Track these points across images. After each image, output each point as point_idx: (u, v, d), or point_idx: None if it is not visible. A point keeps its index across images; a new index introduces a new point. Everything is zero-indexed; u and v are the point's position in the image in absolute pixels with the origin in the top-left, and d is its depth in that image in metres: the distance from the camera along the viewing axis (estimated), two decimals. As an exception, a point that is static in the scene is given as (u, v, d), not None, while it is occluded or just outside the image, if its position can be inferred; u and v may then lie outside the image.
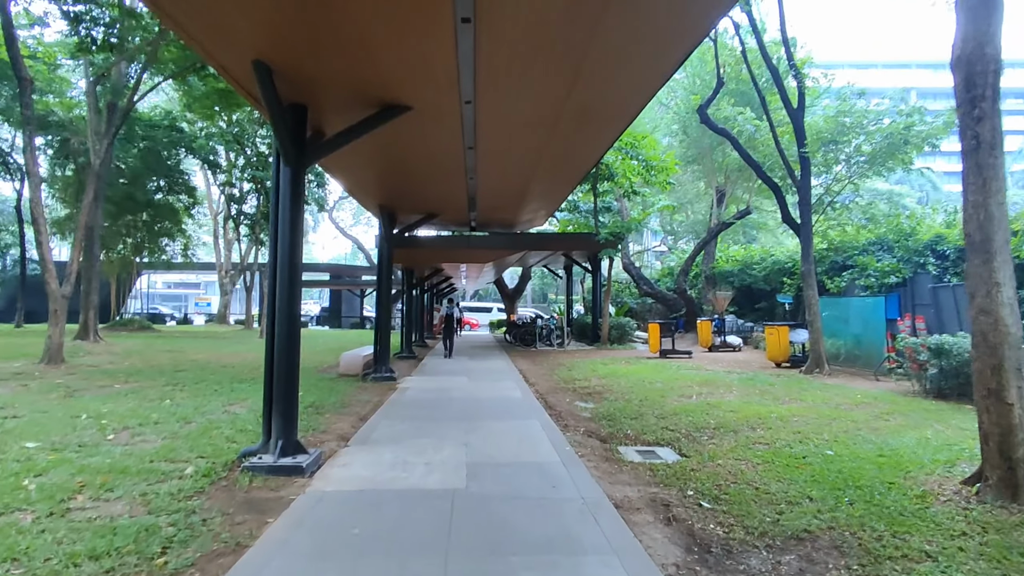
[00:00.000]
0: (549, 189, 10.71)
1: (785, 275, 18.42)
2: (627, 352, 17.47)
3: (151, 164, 24.19)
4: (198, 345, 17.85)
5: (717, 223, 20.00)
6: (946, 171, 52.14)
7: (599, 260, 20.41)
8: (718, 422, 7.20)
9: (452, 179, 8.90)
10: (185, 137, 24.43)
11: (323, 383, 10.43)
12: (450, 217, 12.32)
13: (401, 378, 11.44)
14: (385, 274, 11.21)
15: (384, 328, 11.21)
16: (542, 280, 60.34)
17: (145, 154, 24.17)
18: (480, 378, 11.71)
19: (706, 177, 22.91)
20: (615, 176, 17.91)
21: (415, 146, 7.18)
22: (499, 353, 17.69)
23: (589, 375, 11.95)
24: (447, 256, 13.17)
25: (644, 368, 12.91)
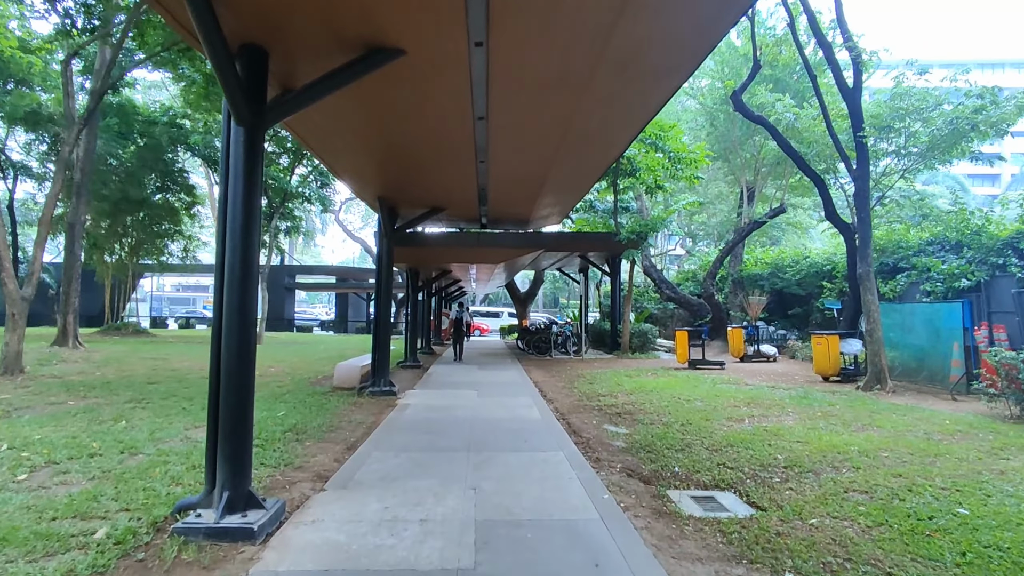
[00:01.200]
0: (570, 179, 9.38)
1: (823, 279, 16.90)
2: (651, 362, 16.04)
3: (149, 162, 23.16)
4: (188, 352, 16.67)
5: (748, 222, 18.56)
6: (970, 173, 49.99)
7: (618, 262, 19.04)
8: (787, 457, 5.80)
9: (459, 163, 7.59)
10: (183, 133, 23.36)
11: (312, 399, 9.14)
12: (458, 213, 11.02)
13: (402, 392, 10.14)
14: (385, 275, 9.92)
15: (383, 335, 9.91)
16: (553, 284, 58.99)
17: (143, 151, 23.15)
18: (491, 392, 10.38)
19: (732, 174, 21.44)
20: (637, 171, 16.55)
21: (413, 115, 5.87)
22: (511, 362, 16.35)
23: (614, 389, 10.57)
24: (455, 256, 11.90)
25: (675, 381, 11.50)
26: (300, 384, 10.75)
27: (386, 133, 6.48)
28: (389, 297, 10.00)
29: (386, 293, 9.93)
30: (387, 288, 9.92)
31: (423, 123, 6.07)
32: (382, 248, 10.00)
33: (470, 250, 11.44)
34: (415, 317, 14.64)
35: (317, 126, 6.45)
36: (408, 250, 11.29)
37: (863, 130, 10.40)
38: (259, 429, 6.84)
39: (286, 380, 11.23)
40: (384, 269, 9.95)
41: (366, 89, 5.13)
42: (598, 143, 7.04)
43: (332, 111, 5.80)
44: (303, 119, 6.05)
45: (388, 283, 9.95)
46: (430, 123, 6.02)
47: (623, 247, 16.98)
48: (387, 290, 9.94)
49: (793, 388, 10.55)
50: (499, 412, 8.44)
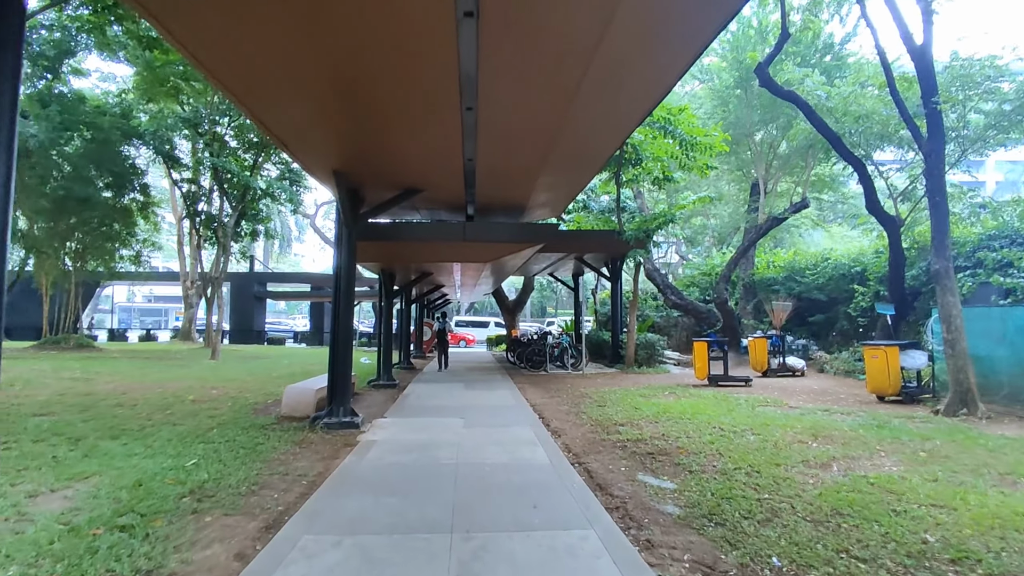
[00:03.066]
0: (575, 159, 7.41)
1: (850, 282, 15.08)
2: (661, 377, 14.04)
3: (97, 157, 20.76)
4: (125, 369, 14.32)
5: (767, 219, 16.73)
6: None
7: (620, 265, 17.08)
8: (941, 538, 3.79)
9: (439, 110, 5.52)
10: (134, 125, 21.04)
11: (246, 436, 6.95)
12: (440, 197, 8.94)
13: (369, 422, 7.99)
14: (345, 275, 7.80)
15: (342, 350, 7.77)
16: (541, 293, 57.10)
17: (90, 145, 20.76)
18: (481, 420, 8.28)
19: (741, 169, 19.67)
20: (643, 159, 14.64)
21: (370, 12, 3.80)
22: (501, 378, 14.23)
23: (633, 415, 8.52)
24: (435, 253, 9.79)
25: (703, 404, 9.51)
26: (240, 413, 8.53)
27: (335, 58, 4.40)
28: (350, 302, 7.87)
29: (346, 297, 7.80)
30: (347, 291, 7.80)
31: (386, 31, 3.99)
32: (342, 241, 7.88)
33: (455, 246, 9.33)
34: (389, 328, 12.48)
35: (234, 53, 4.37)
36: (378, 246, 9.17)
37: (937, 95, 8.54)
38: (145, 492, 4.69)
39: (224, 407, 9.00)
40: (345, 267, 7.83)
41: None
42: (620, 96, 5.03)
43: (253, 31, 3.74)
44: (198, 24, 3.94)
45: (349, 285, 7.83)
46: (395, 27, 3.94)
47: (627, 247, 15.03)
48: (347, 294, 7.81)
49: (854, 412, 8.60)
50: (493, 453, 6.35)
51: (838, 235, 27.51)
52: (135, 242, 24.11)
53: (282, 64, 4.60)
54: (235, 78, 4.95)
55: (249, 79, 4.97)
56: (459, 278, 14.43)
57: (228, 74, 4.85)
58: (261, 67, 4.69)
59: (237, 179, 19.19)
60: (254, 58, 4.51)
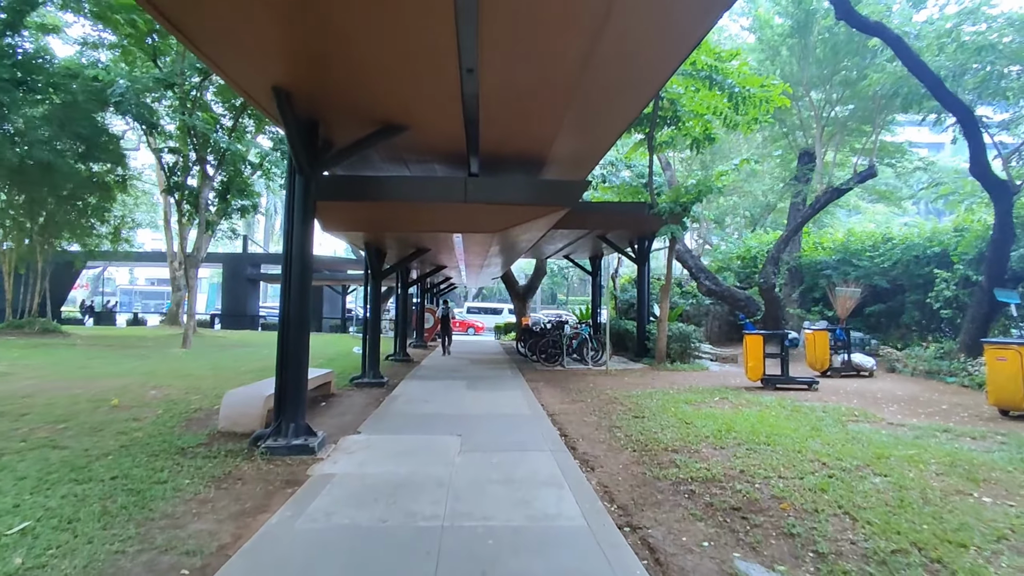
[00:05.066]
0: (624, 66, 5.20)
1: (927, 265, 12.73)
2: (700, 376, 11.86)
3: (66, 123, 18.69)
4: (69, 360, 12.37)
5: (825, 190, 14.33)
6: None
7: (647, 244, 14.83)
8: None
9: None
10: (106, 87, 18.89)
11: (151, 466, 4.91)
12: (432, 139, 6.75)
13: (331, 442, 5.91)
14: (298, 244, 5.66)
15: (293, 348, 5.66)
16: (551, 279, 54.71)
17: (59, 111, 18.69)
18: (484, 440, 6.17)
19: (786, 136, 17.22)
20: (681, 118, 12.34)
21: None
22: (510, 375, 12.12)
23: (686, 434, 6.38)
24: (429, 220, 7.58)
25: (771, 416, 7.35)
26: (165, 427, 6.47)
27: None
28: (305, 283, 5.74)
29: (300, 277, 5.67)
30: (301, 267, 5.66)
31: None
32: (294, 197, 5.72)
33: (454, 211, 7.05)
34: (377, 315, 10.36)
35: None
36: (349, 209, 6.97)
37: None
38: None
39: (149, 418, 6.94)
40: (298, 234, 5.68)
41: None
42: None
43: None
44: None
45: (304, 258, 5.69)
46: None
47: (659, 223, 12.79)
48: (302, 272, 5.67)
49: (988, 435, 6.39)
50: (500, 504, 4.24)
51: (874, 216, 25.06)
52: (112, 218, 22.10)
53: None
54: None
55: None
56: (462, 256, 12.24)
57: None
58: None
59: (212, 141, 17.04)
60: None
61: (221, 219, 25.26)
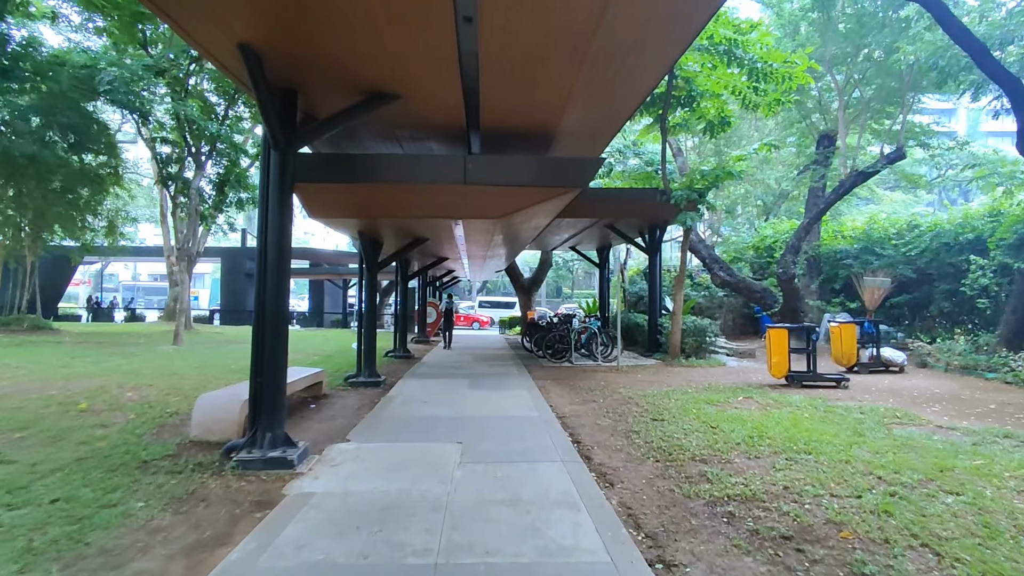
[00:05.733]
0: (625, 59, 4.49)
1: (960, 253, 11.93)
2: (719, 372, 11.16)
3: (53, 113, 18.06)
4: (51, 358, 11.79)
5: (849, 174, 13.51)
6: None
7: (659, 233, 14.09)
8: None
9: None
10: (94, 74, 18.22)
11: (107, 483, 4.30)
12: (428, 114, 6.05)
13: (314, 452, 5.25)
14: (274, 230, 4.98)
15: (269, 346, 5.00)
16: (556, 272, 53.86)
17: (45, 100, 18.04)
18: (488, 449, 5.50)
19: (804, 119, 16.39)
20: (696, 99, 11.57)
21: None
22: (516, 371, 11.45)
23: (713, 440, 5.70)
24: (424, 204, 6.89)
25: (804, 419, 6.66)
26: (134, 434, 5.83)
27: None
28: (283, 274, 5.07)
29: (276, 267, 4.99)
30: (278, 255, 4.99)
31: None
32: (270, 176, 5.04)
33: (452, 193, 6.34)
34: (372, 309, 9.68)
35: None
36: (334, 192, 6.26)
37: None
38: None
39: (118, 423, 6.30)
40: (274, 218, 5.01)
41: None
42: None
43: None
44: None
45: (281, 244, 5.01)
46: None
47: (672, 210, 12.06)
48: (279, 261, 5.00)
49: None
50: (505, 530, 3.58)
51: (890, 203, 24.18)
52: (106, 211, 21.47)
53: None
54: None
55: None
56: (464, 246, 11.54)
57: None
58: None
59: (203, 129, 16.34)
60: None
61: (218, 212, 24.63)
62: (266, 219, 5.04)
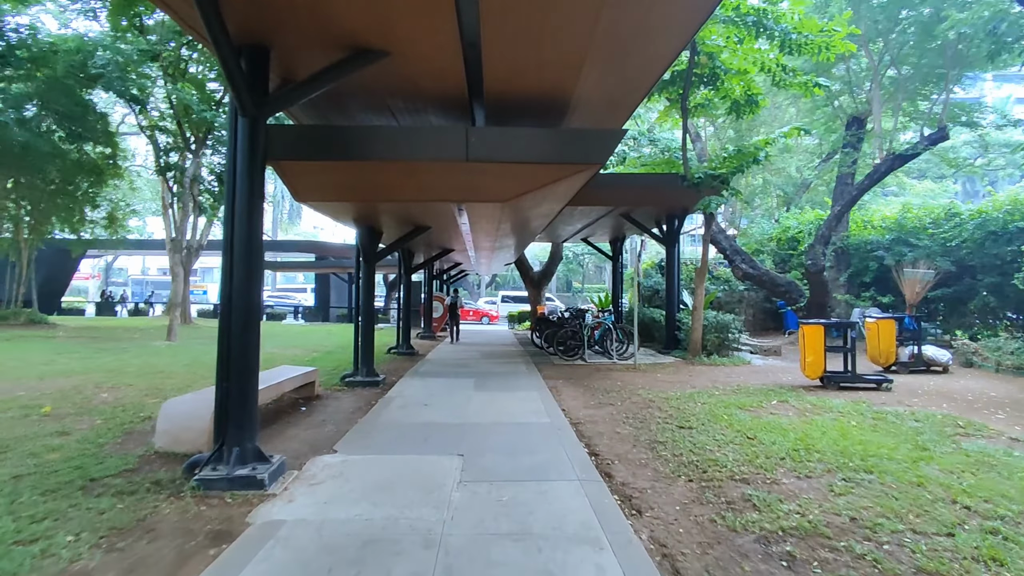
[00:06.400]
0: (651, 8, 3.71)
1: (1009, 243, 11.01)
2: (744, 371, 10.35)
3: (47, 101, 17.51)
4: (36, 355, 11.23)
5: (886, 157, 12.56)
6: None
7: (678, 222, 13.25)
8: None
9: None
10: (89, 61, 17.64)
11: (48, 506, 3.60)
12: (423, 80, 5.29)
13: (295, 465, 4.56)
14: (243, 209, 4.26)
15: (237, 346, 4.29)
16: (565, 265, 52.90)
17: (39, 88, 17.49)
18: (493, 463, 4.78)
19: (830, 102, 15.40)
20: (719, 76, 10.72)
21: None
22: (525, 370, 10.71)
23: (751, 453, 4.94)
24: (422, 185, 6.15)
25: (851, 427, 5.89)
26: (94, 444, 5.16)
27: None
28: (254, 263, 4.36)
29: (247, 250, 4.29)
30: (248, 237, 4.28)
31: None
32: (238, 151, 4.32)
33: (453, 171, 5.54)
34: (370, 304, 8.97)
35: None
36: (327, 170, 5.53)
37: None
38: None
39: (81, 430, 5.64)
40: (243, 196, 4.30)
41: None
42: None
43: None
44: None
45: (252, 226, 4.31)
46: None
47: (694, 197, 11.25)
48: (250, 243, 4.30)
49: None
50: (514, 574, 2.84)
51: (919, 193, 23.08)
52: (105, 203, 20.92)
53: None
54: None
55: None
56: (469, 236, 10.78)
57: None
58: None
59: (195, 115, 15.69)
60: None
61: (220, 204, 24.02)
62: (233, 201, 4.32)
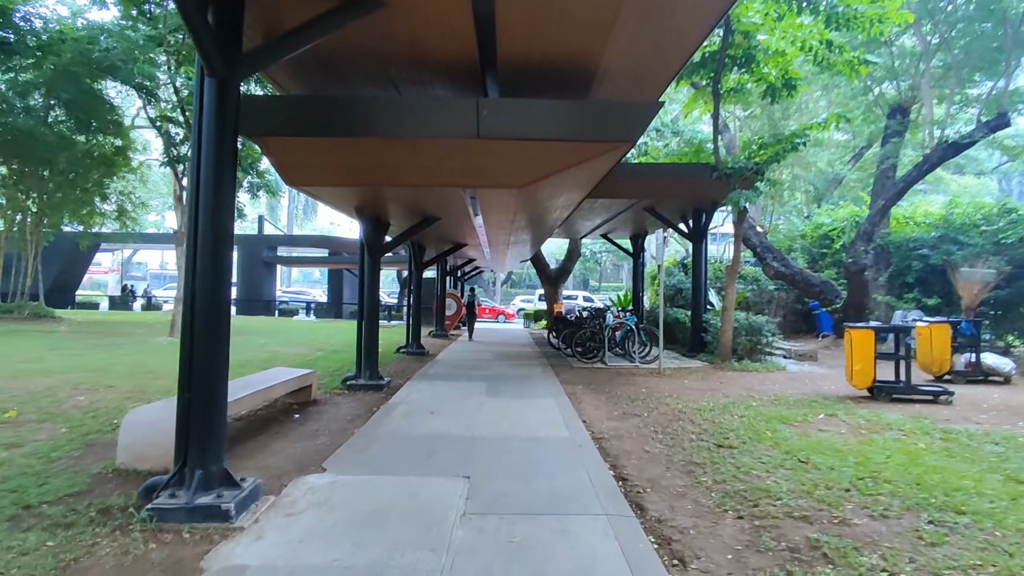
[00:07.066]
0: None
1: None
2: (780, 378, 9.52)
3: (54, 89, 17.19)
4: (30, 352, 10.77)
5: (937, 146, 11.58)
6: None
7: (705, 217, 12.41)
8: None
9: None
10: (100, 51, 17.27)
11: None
12: (424, 34, 4.59)
13: (273, 490, 3.89)
14: (210, 189, 3.59)
15: (204, 348, 3.60)
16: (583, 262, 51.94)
17: (49, 76, 17.16)
18: (502, 489, 4.08)
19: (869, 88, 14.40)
20: (755, 58, 9.88)
21: None
22: (541, 374, 9.99)
23: (811, 485, 4.18)
24: (426, 167, 5.50)
25: (923, 450, 5.11)
26: (52, 456, 4.56)
27: None
28: (222, 252, 3.69)
29: (214, 238, 3.62)
30: (215, 222, 3.62)
31: None
32: (206, 109, 3.64)
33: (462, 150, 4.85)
34: (375, 300, 8.30)
35: None
36: (321, 148, 4.85)
37: None
38: None
39: (43, 439, 5.05)
40: (211, 169, 3.63)
41: None
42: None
43: None
44: None
45: (219, 208, 3.64)
46: None
47: (724, 189, 10.42)
48: (217, 230, 3.64)
49: None
50: None
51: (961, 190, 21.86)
52: (114, 194, 20.59)
53: None
54: None
55: None
56: (482, 231, 10.06)
57: None
58: None
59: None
60: None
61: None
62: (197, 180, 3.66)
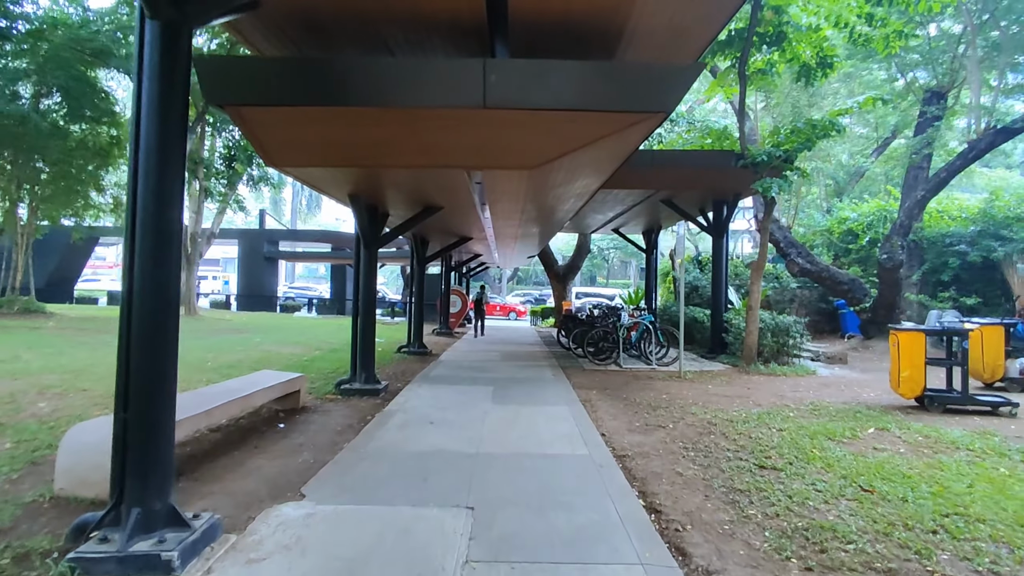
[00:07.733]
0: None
1: None
2: (812, 383, 8.76)
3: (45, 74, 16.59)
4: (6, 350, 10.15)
5: (985, 131, 10.74)
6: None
7: (730, 210, 11.63)
8: None
9: None
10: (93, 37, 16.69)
11: None
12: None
13: (238, 526, 3.19)
14: (152, 163, 2.88)
15: (146, 354, 2.89)
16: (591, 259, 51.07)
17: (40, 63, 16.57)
18: (511, 526, 3.35)
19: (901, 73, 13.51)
20: (786, 35, 9.09)
21: None
22: (552, 378, 9.27)
23: (884, 521, 3.46)
24: (424, 144, 4.84)
25: (1007, 476, 4.31)
26: None
27: None
28: (167, 239, 2.97)
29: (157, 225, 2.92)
30: (159, 201, 2.90)
31: None
32: (148, 64, 2.93)
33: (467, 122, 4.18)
34: (371, 296, 7.59)
35: None
36: (305, 121, 4.12)
37: None
38: None
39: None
40: (152, 134, 2.91)
41: None
42: None
43: None
44: None
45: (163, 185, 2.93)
46: None
47: (750, 178, 9.66)
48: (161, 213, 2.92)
49: None
50: None
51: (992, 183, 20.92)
52: (110, 187, 19.99)
53: None
54: None
55: None
56: (488, 222, 9.33)
57: None
58: None
59: (192, 89, 14.59)
60: None
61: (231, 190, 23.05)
62: (136, 154, 2.96)
